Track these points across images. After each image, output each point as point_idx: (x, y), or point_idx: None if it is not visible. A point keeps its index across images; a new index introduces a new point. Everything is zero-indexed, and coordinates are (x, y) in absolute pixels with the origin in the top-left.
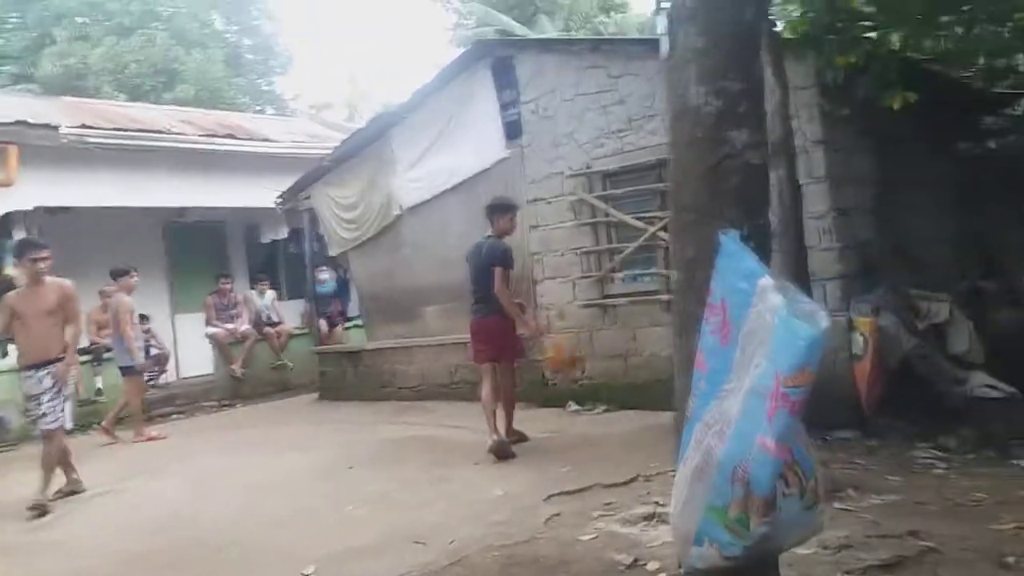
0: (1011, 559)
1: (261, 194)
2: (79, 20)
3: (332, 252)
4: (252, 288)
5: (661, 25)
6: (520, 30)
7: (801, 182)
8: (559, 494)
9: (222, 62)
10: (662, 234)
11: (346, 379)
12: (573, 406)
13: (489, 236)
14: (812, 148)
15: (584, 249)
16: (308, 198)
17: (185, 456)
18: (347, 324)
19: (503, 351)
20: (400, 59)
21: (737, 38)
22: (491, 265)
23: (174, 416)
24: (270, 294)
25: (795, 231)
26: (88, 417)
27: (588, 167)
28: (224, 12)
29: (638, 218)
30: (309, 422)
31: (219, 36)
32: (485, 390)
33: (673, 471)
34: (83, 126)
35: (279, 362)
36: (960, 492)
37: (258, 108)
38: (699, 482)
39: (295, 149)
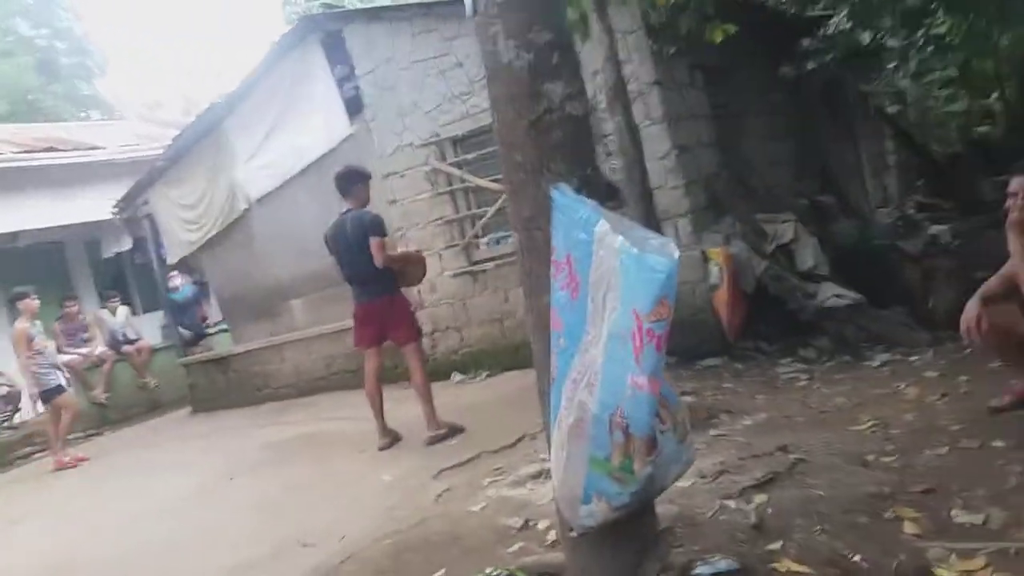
0: (870, 456)
1: (98, 206)
2: None
3: (172, 258)
4: (103, 307)
5: None
6: (350, 2)
7: (640, 125)
8: (447, 468)
9: (33, 69)
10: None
11: (218, 388)
12: (457, 376)
13: (348, 210)
14: (647, 90)
15: (446, 218)
16: (147, 203)
17: (55, 496)
18: (212, 330)
19: (398, 331)
20: (233, 47)
21: None
22: (364, 238)
23: (35, 456)
24: (123, 310)
25: (640, 174)
26: None
27: (437, 135)
28: (29, 17)
29: (494, 180)
30: (184, 438)
31: (27, 42)
32: (368, 377)
33: (546, 432)
34: None
35: (143, 381)
36: (822, 400)
37: (83, 114)
38: (577, 439)
39: (127, 153)
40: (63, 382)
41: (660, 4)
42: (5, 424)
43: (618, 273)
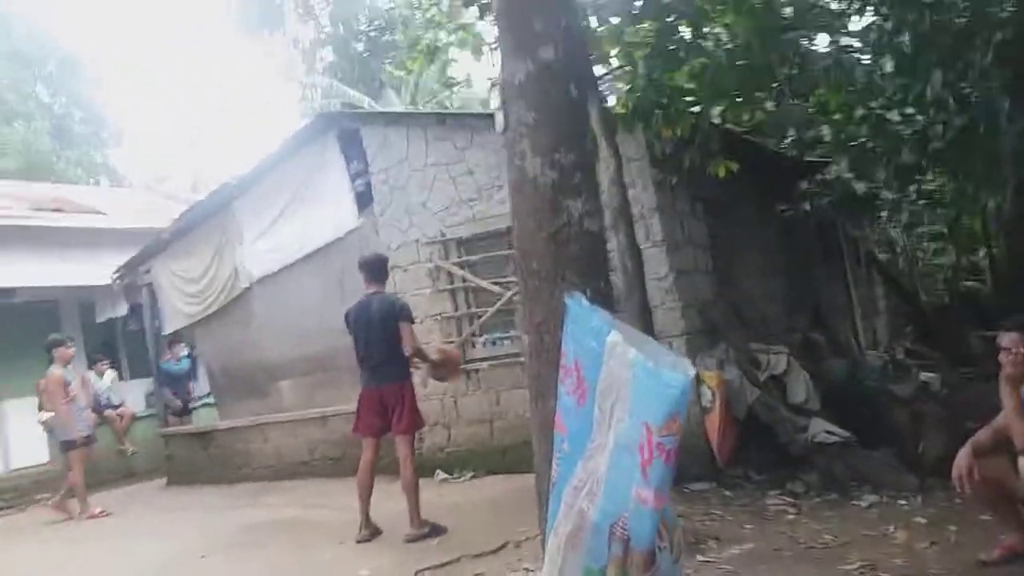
0: None
1: (96, 271)
2: None
3: (169, 328)
4: (90, 369)
5: (495, 101)
6: (368, 103)
7: (641, 246)
8: (426, 569)
9: (48, 134)
10: (518, 298)
11: (197, 462)
12: (441, 475)
13: (375, 293)
14: (648, 214)
15: (444, 315)
16: (148, 272)
17: (19, 556)
18: (196, 404)
19: (401, 420)
20: (246, 131)
21: (566, 114)
22: (394, 322)
23: (4, 510)
24: (110, 374)
25: (639, 292)
26: None
27: (443, 235)
28: (50, 84)
29: (495, 283)
30: (157, 510)
31: (45, 108)
32: (363, 467)
33: (542, 535)
34: None
35: (122, 447)
36: (810, 535)
37: (92, 181)
38: (573, 548)
39: (132, 223)
40: (93, 432)
41: (665, 137)
42: None
43: (629, 385)
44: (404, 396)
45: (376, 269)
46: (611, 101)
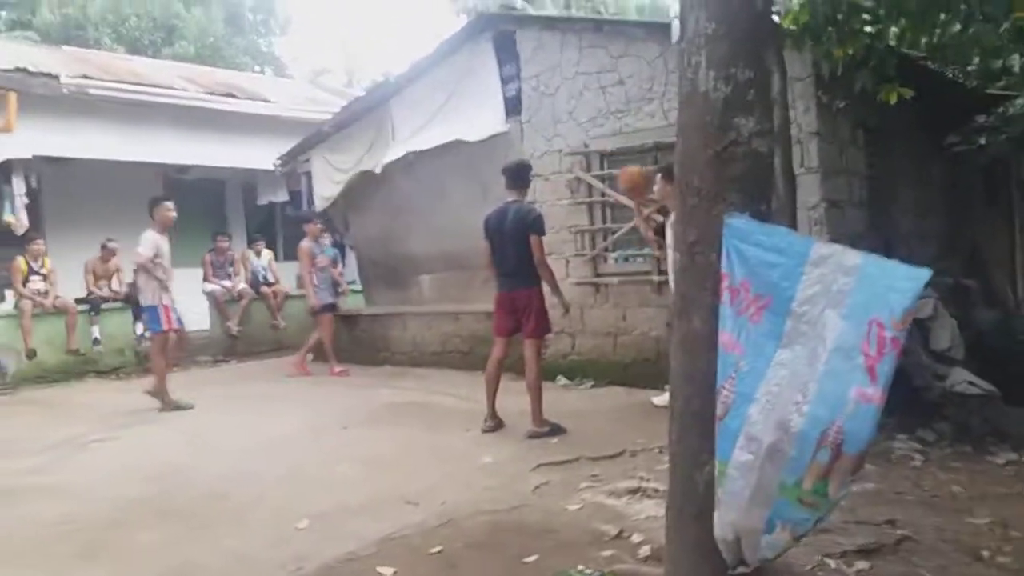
0: (986, 552)
1: (260, 155)
2: None
3: (319, 206)
4: (249, 248)
5: (674, 9)
6: (522, 5)
7: (795, 171)
8: (546, 464)
9: (222, 20)
10: (656, 215)
11: (341, 342)
12: (562, 380)
13: (513, 201)
14: (807, 139)
15: (579, 227)
16: (307, 161)
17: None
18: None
19: (529, 323)
20: (400, 27)
21: (747, 27)
22: (526, 233)
23: (172, 368)
24: (267, 254)
25: (790, 220)
26: (83, 365)
27: (586, 146)
28: None
29: None
30: (304, 382)
31: None
32: (491, 362)
33: (658, 447)
34: (84, 77)
35: (275, 322)
36: (937, 485)
37: (257, 69)
38: (769, 462)
39: (295, 112)
40: (335, 301)
41: (836, 57)
42: (147, 336)
43: (850, 287)
44: (533, 302)
45: (518, 176)
46: (780, 15)
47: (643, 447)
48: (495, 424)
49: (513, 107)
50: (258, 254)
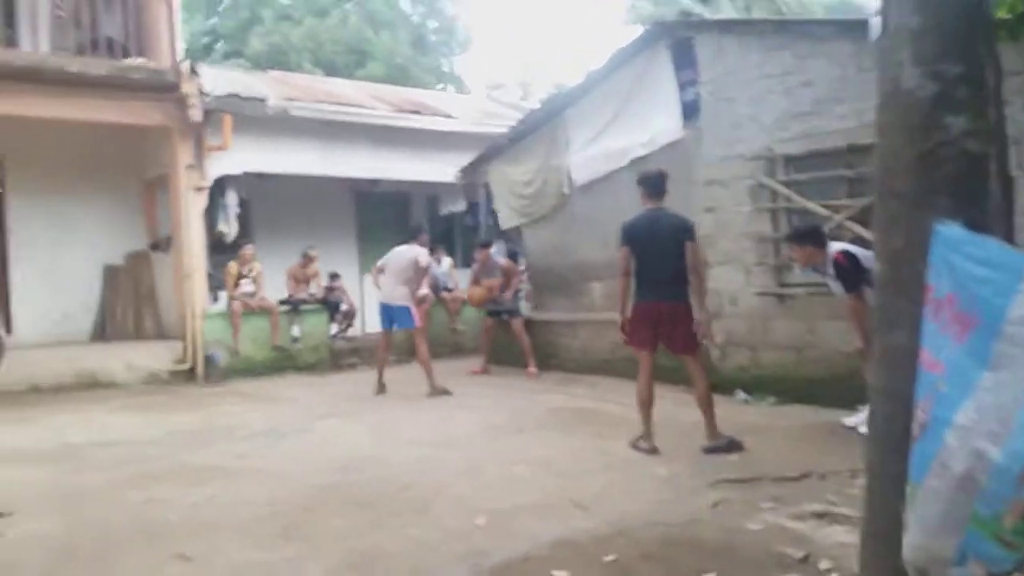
0: None
1: (442, 168)
2: (283, 1)
3: (504, 226)
4: (431, 255)
5: (868, 5)
6: (699, 10)
7: (1012, 174)
8: (725, 481)
9: (408, 43)
10: (850, 223)
11: (513, 347)
12: (741, 395)
13: (656, 208)
14: None
15: (761, 235)
16: (485, 173)
17: (369, 404)
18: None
19: (678, 340)
20: (572, 40)
21: (958, 18)
22: (681, 240)
23: (358, 366)
24: (447, 262)
25: (1005, 228)
26: (284, 361)
27: (769, 150)
28: None
29: (823, 205)
30: (478, 384)
31: (405, 18)
32: (641, 381)
33: (849, 471)
34: (288, 99)
35: (453, 326)
36: None
37: (440, 86)
38: (963, 491)
39: (473, 127)
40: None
41: None
42: (341, 336)
43: None
44: (682, 315)
45: (657, 185)
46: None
47: (831, 470)
48: (651, 448)
49: (690, 113)
50: (439, 261)
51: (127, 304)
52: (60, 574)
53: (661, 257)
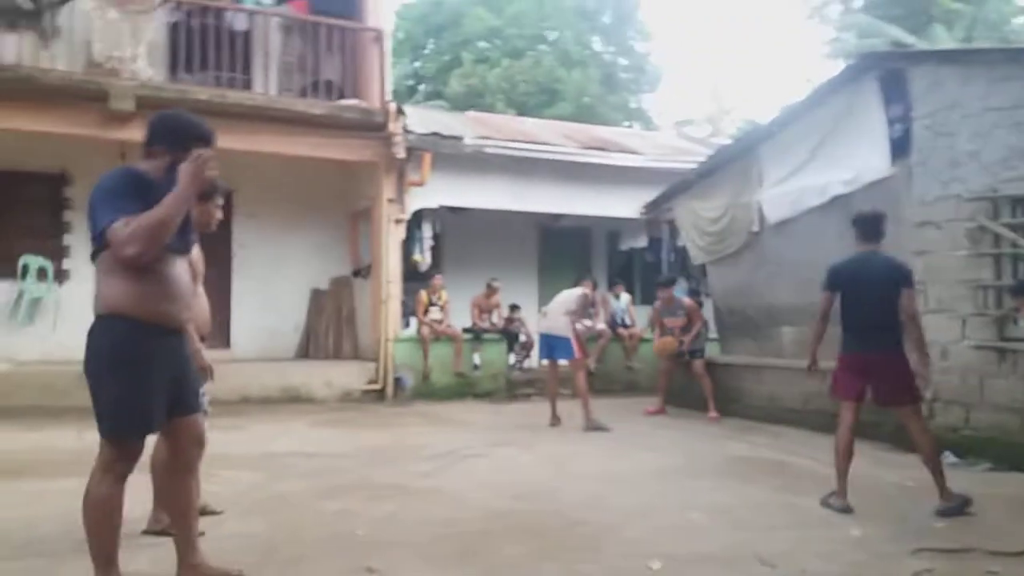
0: None
1: (624, 204)
2: (481, 45)
3: (696, 262)
4: (609, 291)
5: None
6: (910, 40)
7: None
8: (929, 550)
9: (598, 81)
10: None
11: (693, 389)
12: (950, 457)
13: (871, 251)
14: None
15: (981, 282)
16: (670, 209)
17: (542, 435)
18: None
19: (893, 392)
20: (765, 75)
21: None
22: (898, 285)
23: (533, 397)
24: (625, 297)
25: None
26: (465, 387)
27: (994, 191)
28: (603, 33)
29: None
30: (653, 424)
31: (597, 57)
32: (842, 433)
33: None
34: (482, 137)
35: (629, 363)
36: None
37: (627, 124)
38: None
39: (658, 163)
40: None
41: None
42: (518, 366)
43: None
44: (898, 365)
45: (874, 227)
46: None
47: None
48: (844, 506)
49: (899, 150)
50: (617, 297)
51: (329, 325)
52: (259, 574)
53: (871, 303)
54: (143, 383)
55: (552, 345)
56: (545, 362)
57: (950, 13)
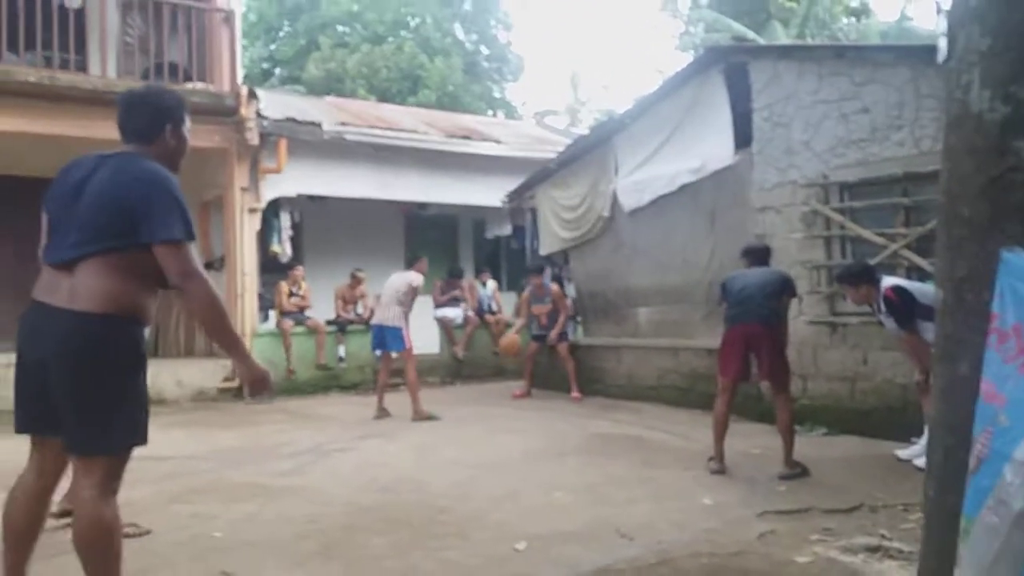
0: None
1: (489, 193)
2: (340, 29)
3: (544, 251)
4: (476, 278)
5: (941, 26)
6: (752, 36)
7: None
8: (773, 512)
9: (461, 70)
10: (906, 252)
11: (557, 371)
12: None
13: (759, 266)
14: None
15: (814, 263)
16: (532, 198)
17: (410, 425)
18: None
19: (762, 368)
20: (621, 67)
21: None
22: (781, 294)
23: (400, 387)
24: (491, 284)
25: None
26: (329, 380)
27: (825, 177)
28: (465, 22)
29: (878, 233)
30: (520, 407)
31: (459, 45)
32: (719, 407)
33: (902, 504)
34: (342, 124)
35: (495, 349)
36: None
37: (490, 113)
38: (1019, 531)
39: (521, 152)
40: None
41: None
42: None
43: None
44: (772, 342)
45: (761, 257)
46: None
47: (884, 503)
48: (721, 467)
49: (742, 139)
50: (484, 284)
51: (180, 321)
52: None
53: (753, 294)
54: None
55: (384, 336)
56: (378, 353)
57: (785, 11)
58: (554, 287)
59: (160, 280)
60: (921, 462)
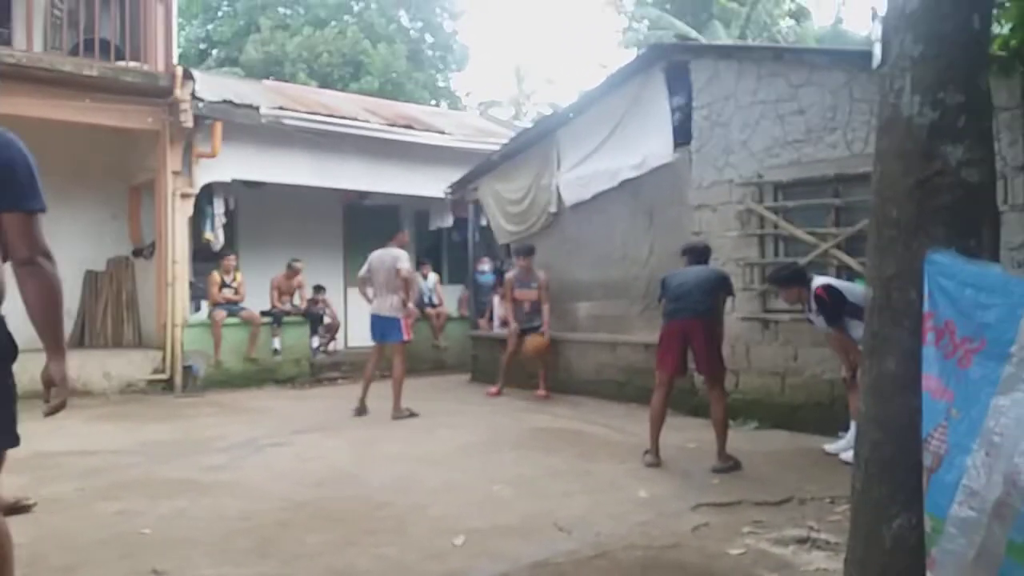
0: None
1: (432, 184)
2: (281, 10)
3: (501, 241)
4: (417, 270)
5: (876, 32)
6: (694, 35)
7: (999, 209)
8: (706, 505)
9: (405, 57)
10: (836, 251)
11: (497, 365)
12: None
13: (698, 264)
14: (1012, 173)
15: (748, 260)
16: (475, 190)
17: (348, 420)
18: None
19: (700, 363)
20: (566, 60)
21: (960, 48)
22: (710, 285)
23: (339, 380)
24: (433, 277)
25: (991, 259)
26: (264, 373)
27: (760, 176)
28: (410, 9)
29: (810, 232)
30: (460, 401)
31: (404, 32)
32: (656, 401)
33: (830, 497)
34: (281, 108)
35: (436, 342)
36: None
37: (433, 102)
38: (998, 521)
39: (465, 143)
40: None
41: None
42: (323, 349)
43: None
44: (709, 338)
45: (700, 256)
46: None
47: (813, 495)
48: (656, 460)
49: (681, 137)
50: (425, 276)
51: (107, 311)
52: None
53: (691, 293)
54: None
55: (383, 327)
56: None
57: (727, 11)
58: (542, 274)
59: None
60: (847, 456)
